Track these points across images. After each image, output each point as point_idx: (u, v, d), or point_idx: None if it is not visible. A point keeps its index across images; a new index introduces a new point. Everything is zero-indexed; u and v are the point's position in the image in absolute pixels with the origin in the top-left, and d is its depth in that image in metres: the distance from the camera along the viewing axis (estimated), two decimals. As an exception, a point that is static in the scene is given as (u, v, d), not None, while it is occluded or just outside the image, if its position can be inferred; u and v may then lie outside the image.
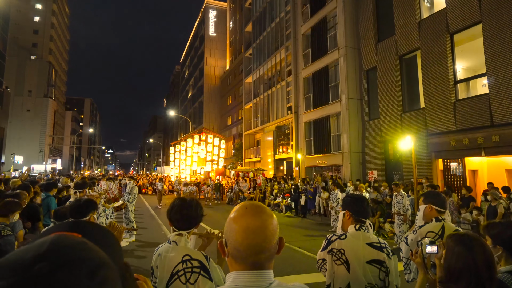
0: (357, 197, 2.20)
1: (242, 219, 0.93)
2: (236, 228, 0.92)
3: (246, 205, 0.97)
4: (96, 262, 0.45)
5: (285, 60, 23.01)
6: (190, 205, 1.91)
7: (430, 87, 12.42)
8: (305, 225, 12.08)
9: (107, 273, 0.45)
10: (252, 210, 0.95)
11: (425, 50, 12.74)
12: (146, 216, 13.59)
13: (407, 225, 8.11)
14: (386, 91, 14.55)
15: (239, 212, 0.95)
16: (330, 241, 2.03)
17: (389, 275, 1.92)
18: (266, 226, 0.92)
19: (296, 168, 20.18)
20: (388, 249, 1.98)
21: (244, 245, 0.90)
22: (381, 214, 10.32)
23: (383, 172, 14.80)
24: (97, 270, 0.44)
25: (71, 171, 49.66)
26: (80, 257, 0.43)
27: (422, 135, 12.52)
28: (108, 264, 0.47)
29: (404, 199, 8.29)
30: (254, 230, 0.90)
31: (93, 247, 0.47)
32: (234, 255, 0.92)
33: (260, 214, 0.94)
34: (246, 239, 0.90)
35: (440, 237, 2.33)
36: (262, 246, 0.90)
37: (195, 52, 52.51)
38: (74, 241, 0.46)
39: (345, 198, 2.24)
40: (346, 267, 1.91)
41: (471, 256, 1.41)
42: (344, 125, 16.82)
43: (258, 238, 0.90)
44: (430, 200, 2.57)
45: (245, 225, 0.91)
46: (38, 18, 55.72)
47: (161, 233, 9.83)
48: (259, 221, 0.92)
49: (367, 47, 15.92)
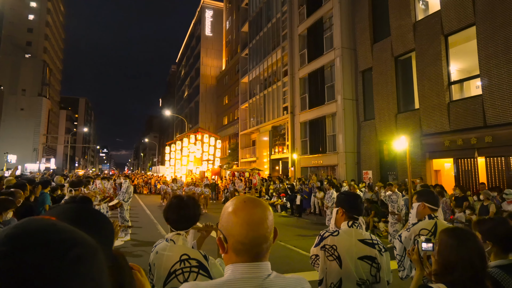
0: (351, 194, 2.23)
1: (243, 212, 0.93)
2: (238, 222, 0.92)
3: (244, 199, 0.98)
4: (68, 242, 0.43)
5: (281, 60, 23.04)
6: (187, 205, 1.88)
7: (425, 88, 12.53)
8: (300, 224, 12.12)
9: (82, 252, 0.44)
10: (251, 203, 0.96)
11: (420, 52, 12.85)
12: (141, 215, 13.54)
13: (401, 225, 8.16)
14: (382, 92, 14.65)
15: (238, 206, 0.95)
16: (323, 237, 2.05)
17: (380, 271, 1.95)
18: (266, 217, 0.94)
19: (291, 168, 20.22)
20: (380, 246, 2.01)
21: (249, 238, 0.90)
22: (376, 214, 10.39)
23: (378, 172, 14.88)
24: (68, 250, 0.42)
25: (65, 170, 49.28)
26: (46, 239, 0.42)
27: (416, 135, 12.61)
28: (84, 244, 0.45)
29: (398, 198, 8.34)
30: (258, 222, 0.92)
31: (65, 228, 0.46)
32: (237, 249, 0.92)
33: (260, 206, 0.96)
34: (251, 231, 0.91)
35: (433, 234, 2.37)
36: (265, 236, 0.92)
37: (191, 52, 52.39)
38: (41, 224, 0.45)
39: (339, 195, 2.27)
40: (338, 263, 1.94)
41: (464, 248, 1.44)
42: (339, 125, 16.89)
43: (262, 229, 0.92)
44: (423, 198, 2.61)
45: (248, 217, 0.92)
46: (32, 16, 55.21)
47: (156, 232, 9.80)
48: (260, 212, 0.94)
49: (363, 48, 16.00)
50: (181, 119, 47.37)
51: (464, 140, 10.98)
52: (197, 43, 47.97)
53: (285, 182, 16.70)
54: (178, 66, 67.09)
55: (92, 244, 0.47)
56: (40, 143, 49.23)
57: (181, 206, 1.87)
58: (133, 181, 27.02)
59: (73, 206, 0.64)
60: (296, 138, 20.74)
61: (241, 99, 30.77)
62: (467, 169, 11.36)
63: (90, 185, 7.95)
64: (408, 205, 9.04)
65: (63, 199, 5.42)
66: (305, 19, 20.39)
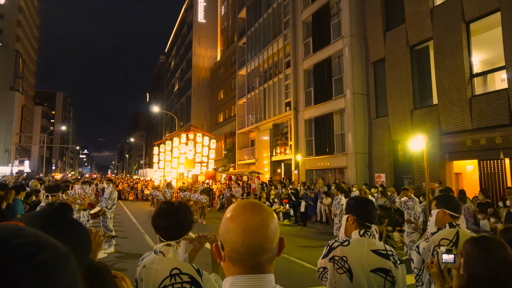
0: (362, 199, 2.23)
1: (240, 218, 0.93)
2: (234, 228, 0.92)
3: (244, 203, 0.98)
4: (33, 247, 0.45)
5: (283, 50, 23.05)
6: (178, 211, 1.87)
7: (444, 82, 12.55)
8: (305, 234, 12.14)
9: (48, 257, 0.45)
10: (251, 207, 0.96)
11: (438, 41, 12.87)
12: (126, 224, 13.53)
13: (418, 234, 8.17)
14: (395, 86, 14.68)
15: (236, 210, 0.96)
16: (332, 247, 2.06)
17: (395, 285, 1.95)
18: (267, 225, 0.93)
19: (295, 171, 20.23)
20: (395, 257, 2.01)
21: (245, 246, 0.90)
22: (389, 222, 10.41)
23: (392, 175, 14.91)
24: (34, 255, 0.44)
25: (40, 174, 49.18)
26: (11, 243, 0.44)
27: (434, 134, 12.63)
28: (52, 249, 0.46)
29: (415, 205, 8.35)
30: (255, 229, 0.91)
31: (32, 233, 0.47)
32: (233, 258, 0.92)
33: (260, 212, 0.95)
34: (246, 239, 0.91)
35: (455, 245, 2.37)
36: (263, 246, 0.91)
37: (182, 41, 52.39)
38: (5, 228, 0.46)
39: (349, 200, 2.28)
40: (349, 276, 1.95)
41: (491, 258, 1.43)
42: (348, 123, 16.92)
43: (260, 238, 0.91)
44: (443, 204, 2.61)
45: (244, 224, 0.92)
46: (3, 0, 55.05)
47: (143, 243, 9.80)
48: (259, 219, 0.93)
49: (374, 37, 16.02)
50: (171, 116, 47.38)
51: (488, 140, 11.00)
52: (189, 31, 47.96)
53: (288, 186, 16.70)
54: (168, 56, 67.08)
55: (62, 249, 0.48)
56: (12, 144, 49.10)
57: (171, 212, 1.86)
58: (117, 186, 27.02)
59: (44, 212, 0.65)
60: (300, 138, 20.75)
61: (238, 94, 30.77)
62: (492, 172, 11.38)
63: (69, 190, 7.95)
64: (426, 212, 9.07)
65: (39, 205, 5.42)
66: (309, 4, 20.40)
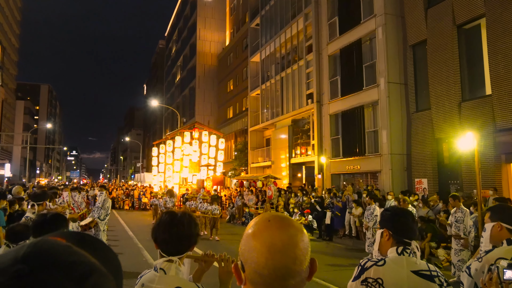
0: (399, 210, 2.23)
1: (264, 235, 0.94)
2: (257, 247, 0.93)
3: (269, 217, 0.99)
4: (87, 267, 0.51)
5: (303, 32, 23.00)
6: (181, 222, 1.92)
7: (499, 67, 12.35)
8: (331, 251, 12.14)
9: (100, 281, 0.51)
10: (277, 223, 0.96)
11: (493, 18, 12.66)
12: (122, 237, 13.78)
13: (468, 252, 8.07)
14: (440, 73, 14.51)
15: (259, 226, 0.97)
16: (364, 268, 2.06)
17: (443, 312, 1.94)
18: (295, 244, 0.94)
19: (318, 175, 20.20)
20: (441, 279, 2.01)
21: (269, 268, 0.91)
22: (433, 237, 10.30)
23: (436, 180, 14.77)
24: (88, 276, 0.50)
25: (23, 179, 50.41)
26: (66, 260, 0.50)
27: (488, 131, 12.47)
28: (101, 272, 0.52)
29: (466, 217, 8.24)
30: (281, 249, 0.92)
31: (81, 253, 0.53)
32: (255, 281, 0.93)
33: (287, 228, 0.96)
34: (271, 260, 0.91)
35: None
36: (291, 269, 0.92)
37: (185, 23, 52.80)
38: (58, 245, 0.53)
39: (384, 212, 2.27)
40: (385, 302, 1.94)
41: None
42: (383, 118, 16.81)
43: (286, 259, 0.92)
44: (499, 217, 2.58)
45: (269, 242, 0.93)
46: (-20, -21, 56.46)
47: (141, 259, 9.97)
48: (286, 236, 0.94)
49: (414, 15, 15.87)
50: (172, 111, 47.84)
51: (554, 137, 10.76)
52: (192, 11, 48.31)
53: (310, 194, 16.65)
54: (168, 42, 67.73)
55: (109, 275, 0.54)
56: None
57: (173, 223, 1.91)
58: (111, 193, 27.46)
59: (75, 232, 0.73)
60: (324, 136, 20.69)
61: (250, 85, 30.85)
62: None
63: (56, 198, 8.14)
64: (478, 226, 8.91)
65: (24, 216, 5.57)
66: (335, -24, 20.32)
